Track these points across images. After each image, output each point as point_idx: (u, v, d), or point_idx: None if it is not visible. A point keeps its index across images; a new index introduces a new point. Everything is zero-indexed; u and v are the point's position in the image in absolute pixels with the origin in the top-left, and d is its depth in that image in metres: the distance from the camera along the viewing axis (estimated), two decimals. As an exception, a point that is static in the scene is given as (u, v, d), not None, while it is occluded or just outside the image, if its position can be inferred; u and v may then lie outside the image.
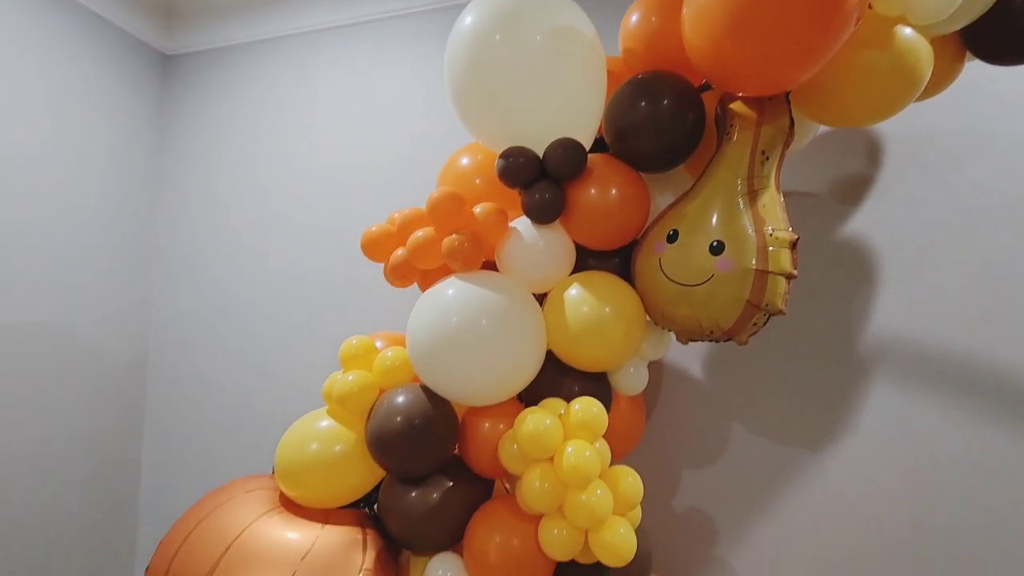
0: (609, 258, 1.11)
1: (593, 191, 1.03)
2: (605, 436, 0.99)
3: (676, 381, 1.40)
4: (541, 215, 1.04)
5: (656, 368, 1.41)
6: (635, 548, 0.92)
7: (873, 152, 1.31)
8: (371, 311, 1.62)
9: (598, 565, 0.97)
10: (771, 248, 0.91)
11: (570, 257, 1.08)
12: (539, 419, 0.92)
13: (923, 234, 1.26)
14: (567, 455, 0.89)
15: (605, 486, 0.91)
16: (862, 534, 1.23)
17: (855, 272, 1.29)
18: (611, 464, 0.99)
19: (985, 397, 1.18)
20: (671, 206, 1.03)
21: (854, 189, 1.32)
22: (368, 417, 1.03)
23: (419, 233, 1.04)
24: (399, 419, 0.98)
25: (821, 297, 1.30)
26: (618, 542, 0.91)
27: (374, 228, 1.11)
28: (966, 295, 1.21)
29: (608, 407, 1.07)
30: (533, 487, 0.92)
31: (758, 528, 1.31)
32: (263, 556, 0.95)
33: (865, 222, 1.30)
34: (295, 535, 0.99)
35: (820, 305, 1.30)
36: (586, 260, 1.11)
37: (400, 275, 1.09)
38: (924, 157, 1.27)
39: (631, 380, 1.12)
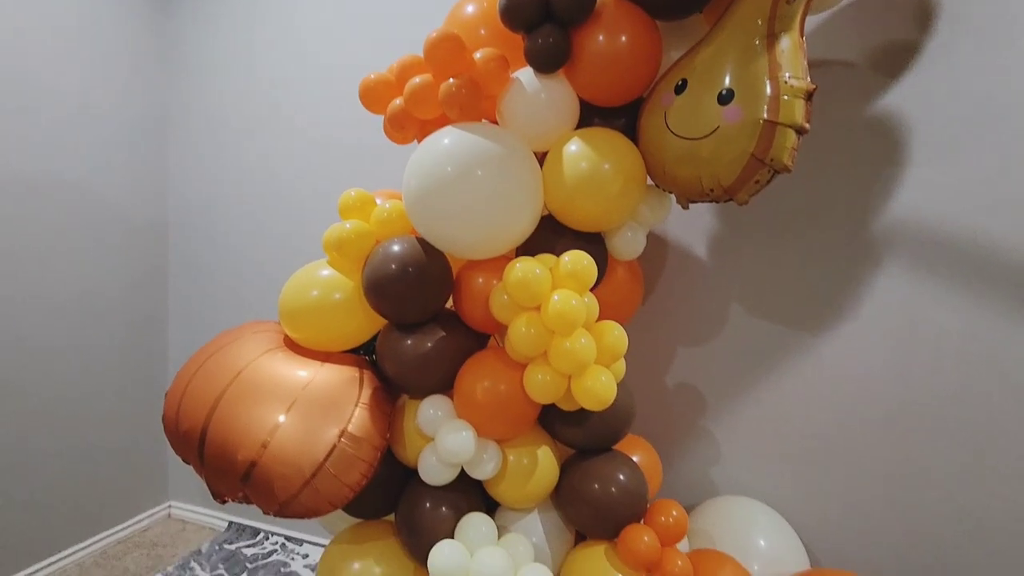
0: (615, 117, 1.06)
1: (601, 37, 0.96)
2: (601, 300, 0.99)
3: (679, 260, 1.39)
4: (544, 62, 0.98)
5: (660, 246, 1.39)
6: (614, 395, 0.95)
7: (921, 17, 1.18)
8: (386, 172, 1.61)
9: (581, 411, 1.02)
10: (784, 97, 0.85)
11: (573, 111, 1.03)
12: (528, 267, 0.92)
13: (962, 113, 1.15)
14: (553, 302, 0.90)
15: (589, 335, 0.93)
16: (849, 413, 1.25)
17: (881, 152, 1.21)
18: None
19: (997, 285, 1.14)
20: (683, 56, 0.97)
21: (895, 59, 1.20)
22: (364, 265, 1.05)
23: (416, 79, 1.01)
24: (394, 265, 1.00)
25: (840, 177, 1.24)
26: (599, 388, 0.94)
27: (372, 76, 1.07)
28: (995, 181, 1.13)
29: (603, 270, 1.07)
30: (520, 332, 0.94)
31: (746, 404, 1.35)
32: (266, 386, 1.02)
33: (901, 96, 1.19)
34: (297, 369, 1.05)
35: (837, 186, 1.24)
36: (591, 118, 1.06)
37: (398, 126, 1.06)
38: (978, 24, 1.14)
39: (627, 244, 1.10)
